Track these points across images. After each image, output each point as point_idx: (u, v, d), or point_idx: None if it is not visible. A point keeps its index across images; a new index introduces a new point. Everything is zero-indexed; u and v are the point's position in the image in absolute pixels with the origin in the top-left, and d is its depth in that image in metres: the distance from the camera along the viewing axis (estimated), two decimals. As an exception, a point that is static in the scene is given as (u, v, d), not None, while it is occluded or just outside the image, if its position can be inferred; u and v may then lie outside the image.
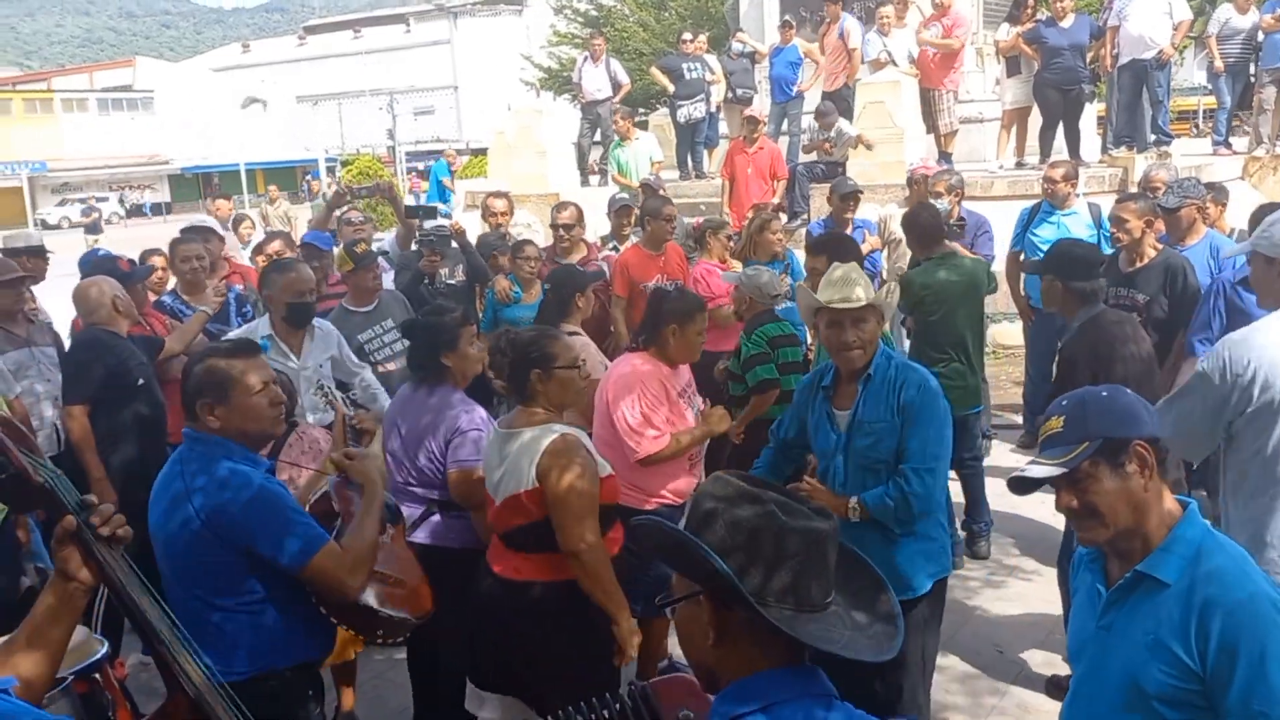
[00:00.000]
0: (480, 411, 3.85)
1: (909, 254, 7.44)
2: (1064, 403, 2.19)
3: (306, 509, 2.96)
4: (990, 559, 5.65)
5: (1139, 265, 5.22)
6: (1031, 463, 2.17)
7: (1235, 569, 2.05)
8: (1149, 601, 2.09)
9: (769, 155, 10.13)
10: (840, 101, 10.98)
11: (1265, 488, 2.98)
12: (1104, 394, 2.20)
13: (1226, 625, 1.97)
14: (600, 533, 3.22)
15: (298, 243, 7.07)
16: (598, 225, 10.27)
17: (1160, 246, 5.34)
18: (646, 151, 11.08)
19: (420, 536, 3.77)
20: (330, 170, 43.94)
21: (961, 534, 5.68)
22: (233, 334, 5.30)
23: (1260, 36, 10.80)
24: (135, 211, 54.06)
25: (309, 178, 39.40)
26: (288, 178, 57.58)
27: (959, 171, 7.60)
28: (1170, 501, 2.15)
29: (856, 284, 3.40)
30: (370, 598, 2.85)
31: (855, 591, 1.62)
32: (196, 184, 58.19)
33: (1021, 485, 2.22)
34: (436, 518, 3.82)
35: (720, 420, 4.23)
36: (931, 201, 6.70)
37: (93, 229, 29.08)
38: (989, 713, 4.28)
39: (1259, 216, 5.84)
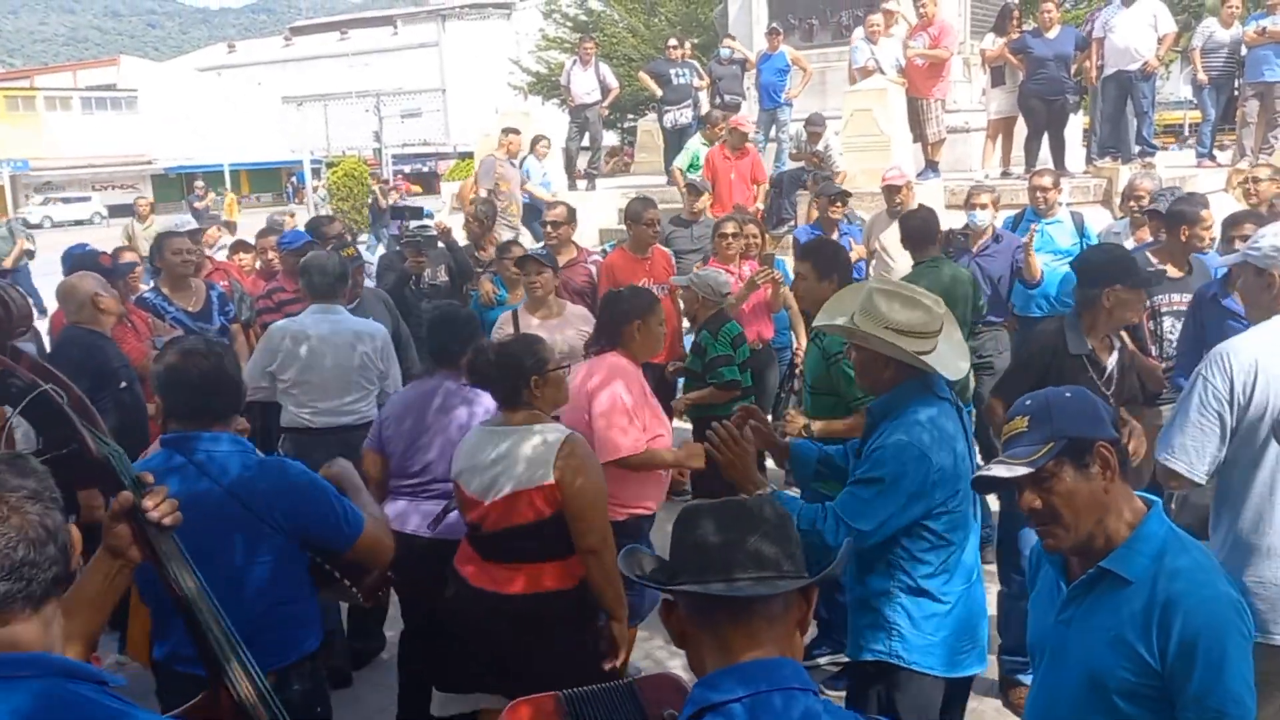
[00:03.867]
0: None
1: (893, 265, 7.49)
2: (1028, 403, 2.20)
3: None
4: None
5: (1185, 273, 5.19)
6: (996, 462, 2.17)
7: (1198, 569, 2.07)
8: (1111, 598, 2.11)
9: (750, 161, 10.17)
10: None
11: (1252, 499, 2.96)
12: (1068, 394, 2.21)
13: (1187, 624, 1.99)
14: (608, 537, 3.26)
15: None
16: (587, 230, 10.28)
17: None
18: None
19: (443, 531, 3.82)
20: (316, 172, 43.82)
21: None
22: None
23: (1243, 50, 10.88)
24: (119, 211, 53.75)
25: (293, 179, 39.33)
26: (272, 179, 57.54)
27: (994, 186, 7.62)
28: (1134, 500, 2.18)
29: (844, 299, 3.30)
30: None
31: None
32: (180, 184, 57.90)
33: (985, 484, 2.25)
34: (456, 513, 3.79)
35: (698, 459, 4.05)
36: (971, 214, 6.70)
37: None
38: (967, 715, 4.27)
39: (1228, 225, 5.90)
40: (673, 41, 12.97)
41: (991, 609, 4.56)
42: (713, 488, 5.35)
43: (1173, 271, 5.15)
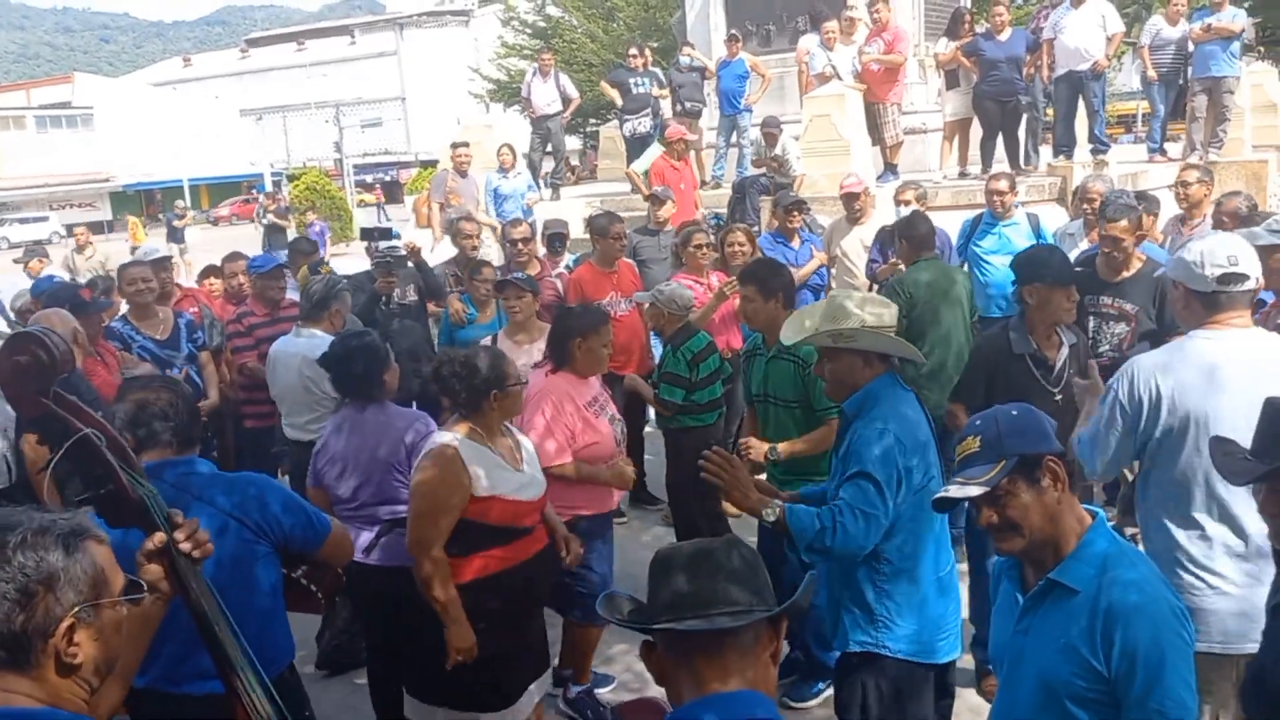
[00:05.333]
0: (425, 414, 4.16)
1: (855, 269, 7.63)
2: (977, 423, 2.33)
3: None
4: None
5: (1126, 275, 5.23)
6: (953, 483, 2.30)
7: (1139, 577, 2.19)
8: (1060, 607, 2.23)
9: (691, 170, 10.37)
10: None
11: (1178, 510, 3.05)
12: (1014, 413, 2.33)
13: (1129, 630, 2.11)
14: (441, 541, 3.40)
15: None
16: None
17: (1145, 257, 5.42)
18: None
19: (376, 558, 3.90)
20: (277, 184, 43.52)
21: None
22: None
23: (1190, 46, 11.12)
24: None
25: (254, 192, 39.11)
26: (232, 193, 57.00)
27: (921, 183, 7.81)
28: (1080, 511, 2.31)
29: (805, 317, 3.45)
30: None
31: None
32: (139, 201, 57.32)
33: (944, 504, 2.36)
34: (393, 536, 3.90)
35: (619, 479, 4.44)
36: (899, 210, 7.15)
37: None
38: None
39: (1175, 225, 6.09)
40: (634, 50, 13.06)
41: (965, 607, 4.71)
42: (685, 498, 5.49)
43: (1105, 274, 5.27)
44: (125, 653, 2.08)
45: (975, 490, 2.22)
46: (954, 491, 2.26)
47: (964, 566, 5.40)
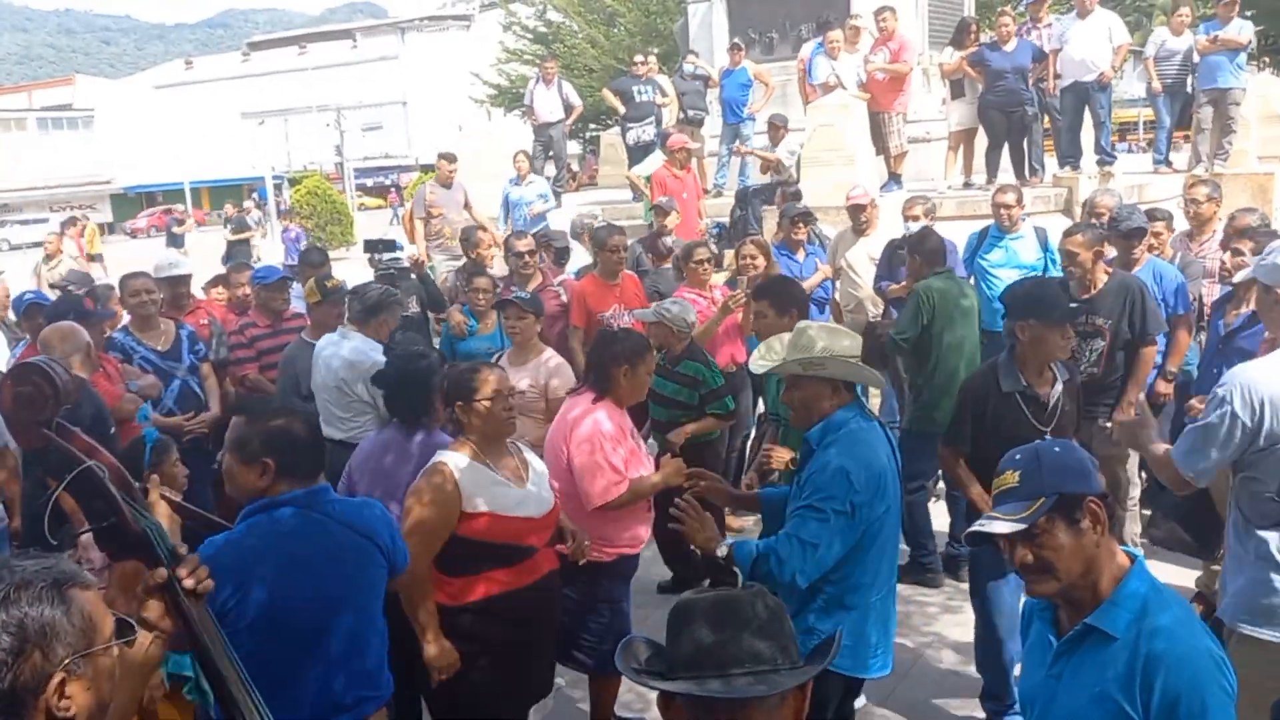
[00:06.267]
0: None
1: (860, 282, 7.58)
2: (1018, 457, 2.24)
3: None
4: (951, 583, 5.71)
5: (1094, 291, 5.28)
6: (988, 517, 2.22)
7: (1179, 625, 2.11)
8: (1096, 654, 2.15)
9: (692, 177, 10.33)
10: None
11: (1268, 527, 2.99)
12: (1057, 449, 2.25)
13: (1169, 680, 2.03)
14: (426, 559, 3.36)
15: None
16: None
17: (1110, 270, 5.45)
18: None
19: None
20: (278, 188, 43.48)
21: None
22: None
23: (1196, 58, 11.08)
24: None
25: (255, 195, 39.07)
26: (233, 196, 56.87)
27: (929, 197, 7.77)
28: (1120, 555, 2.22)
29: (773, 348, 3.49)
30: None
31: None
32: (140, 203, 57.28)
33: (977, 539, 2.28)
34: None
35: (676, 473, 4.13)
36: (908, 225, 7.10)
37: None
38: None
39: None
40: (639, 57, 13.02)
41: (969, 637, 4.65)
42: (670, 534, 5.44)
43: (1075, 291, 5.25)
44: (122, 694, 2.03)
45: (1009, 527, 2.14)
46: (988, 527, 2.18)
47: (960, 598, 5.35)
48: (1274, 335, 3.27)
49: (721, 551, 3.22)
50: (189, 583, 2.11)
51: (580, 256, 8.83)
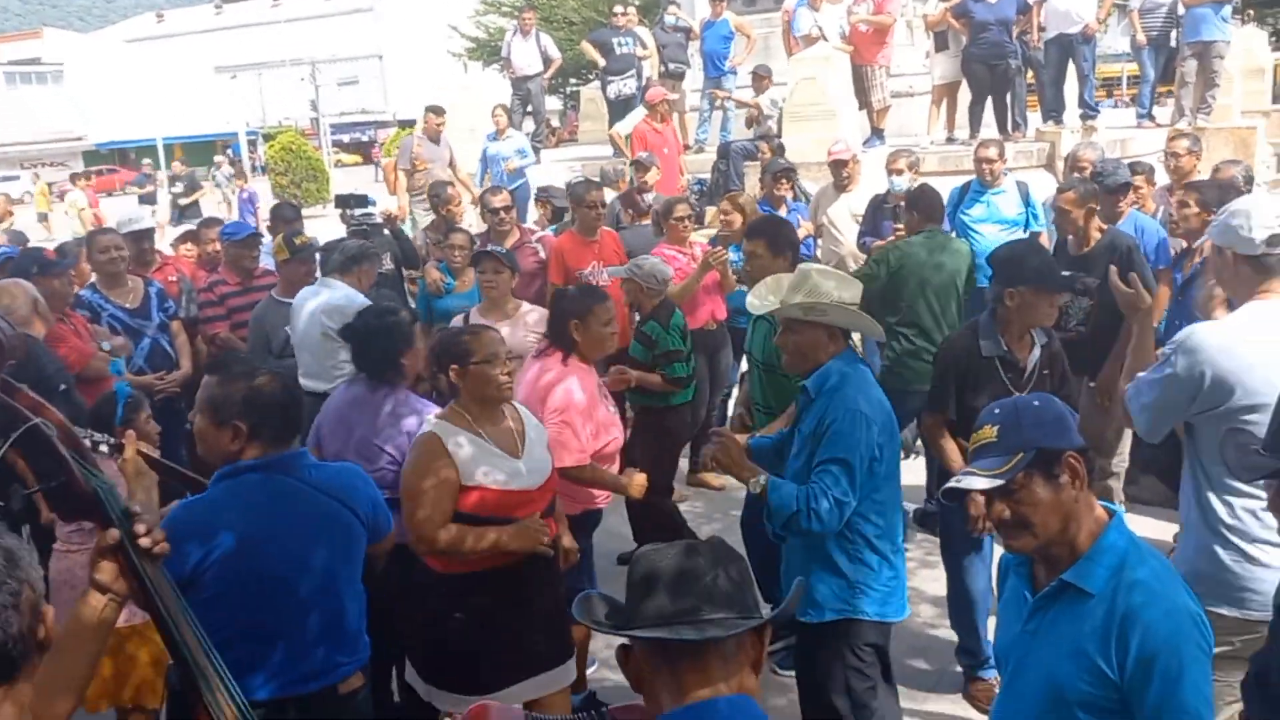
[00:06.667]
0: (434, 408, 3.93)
1: (842, 239, 7.50)
2: (996, 411, 2.20)
3: None
4: (927, 538, 5.68)
5: (1087, 249, 5.20)
6: (966, 472, 2.18)
7: (1157, 581, 2.08)
8: (1073, 609, 2.12)
9: (672, 131, 10.20)
10: None
11: (1224, 487, 2.89)
12: (1036, 403, 2.21)
13: (1145, 638, 2.01)
14: (446, 531, 3.27)
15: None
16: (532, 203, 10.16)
17: (1105, 227, 5.37)
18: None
19: None
20: (252, 144, 42.89)
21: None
22: None
23: (1181, 10, 10.97)
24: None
25: (228, 151, 38.47)
26: (207, 152, 56.11)
27: (913, 150, 7.66)
28: (1098, 510, 2.19)
29: (773, 290, 3.48)
30: None
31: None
32: (113, 160, 56.40)
33: (953, 495, 2.25)
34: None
35: (639, 488, 4.19)
36: (892, 179, 7.03)
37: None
38: (929, 711, 4.33)
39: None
40: (619, 8, 12.78)
41: (944, 592, 4.63)
42: (653, 471, 5.39)
43: (1072, 248, 5.19)
44: (77, 661, 1.97)
45: (987, 482, 2.10)
46: (965, 483, 2.14)
47: (936, 554, 5.31)
48: (1226, 295, 3.18)
49: (755, 488, 3.24)
50: (144, 543, 2.04)
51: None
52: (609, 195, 7.87)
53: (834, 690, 3.33)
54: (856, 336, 4.23)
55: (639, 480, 4.17)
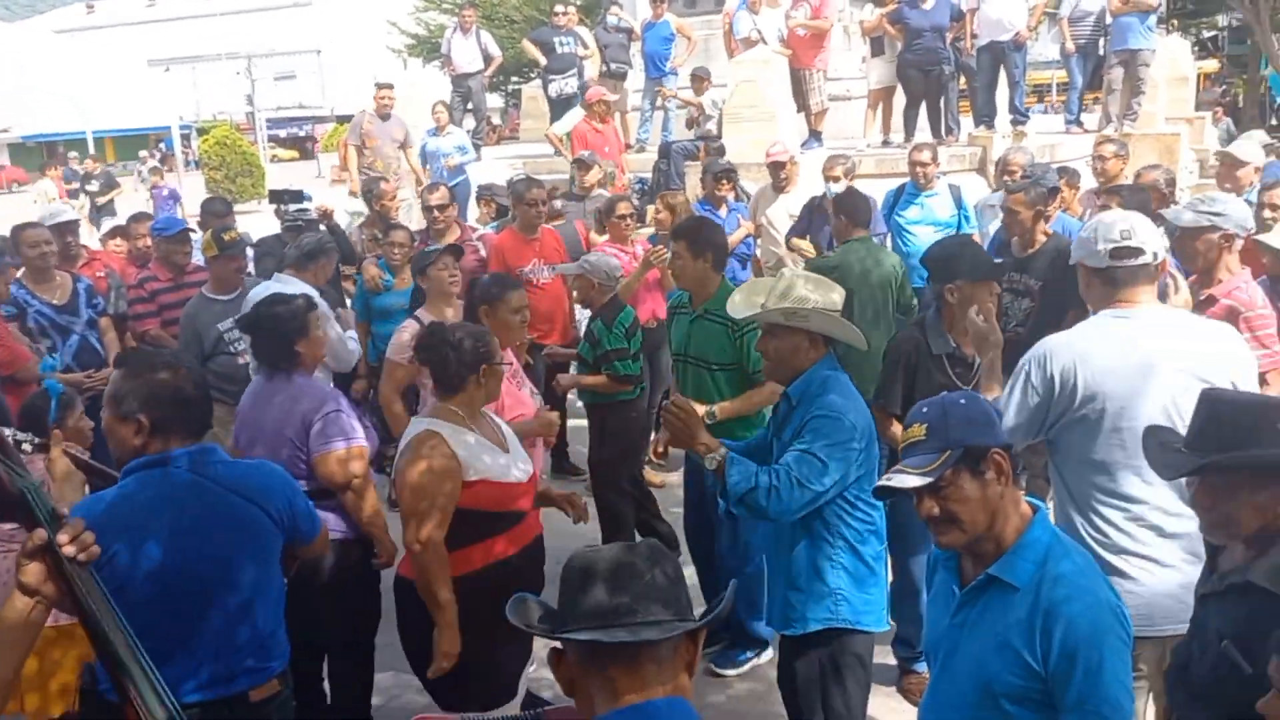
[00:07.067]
0: (338, 393, 3.92)
1: (779, 238, 7.59)
2: (924, 410, 2.25)
3: None
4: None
5: (1031, 251, 5.26)
6: (896, 471, 2.23)
7: (1080, 576, 2.15)
8: (999, 603, 2.18)
9: (613, 131, 10.23)
10: None
11: (1096, 493, 2.95)
12: (962, 401, 2.26)
13: (1068, 631, 2.07)
14: (440, 533, 3.24)
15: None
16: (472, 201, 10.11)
17: (1051, 232, 5.46)
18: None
19: None
20: (185, 138, 41.97)
21: None
22: None
23: (1109, 19, 11.25)
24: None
25: (161, 145, 37.63)
26: (139, 146, 54.91)
27: (850, 156, 7.74)
28: (1023, 506, 2.25)
29: (755, 294, 3.43)
30: None
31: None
32: (40, 153, 54.90)
33: (884, 493, 2.31)
34: None
35: (554, 425, 4.32)
36: (828, 185, 7.06)
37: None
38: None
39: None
40: (560, 8, 12.76)
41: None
42: (610, 476, 5.41)
43: (1016, 249, 5.28)
44: (3, 664, 1.94)
45: (917, 480, 2.15)
46: (895, 481, 2.20)
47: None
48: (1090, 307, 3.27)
49: (711, 464, 3.12)
50: (69, 550, 2.00)
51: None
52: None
53: (815, 703, 3.27)
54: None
55: (551, 417, 4.29)
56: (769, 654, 4.60)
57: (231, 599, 2.63)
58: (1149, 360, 2.87)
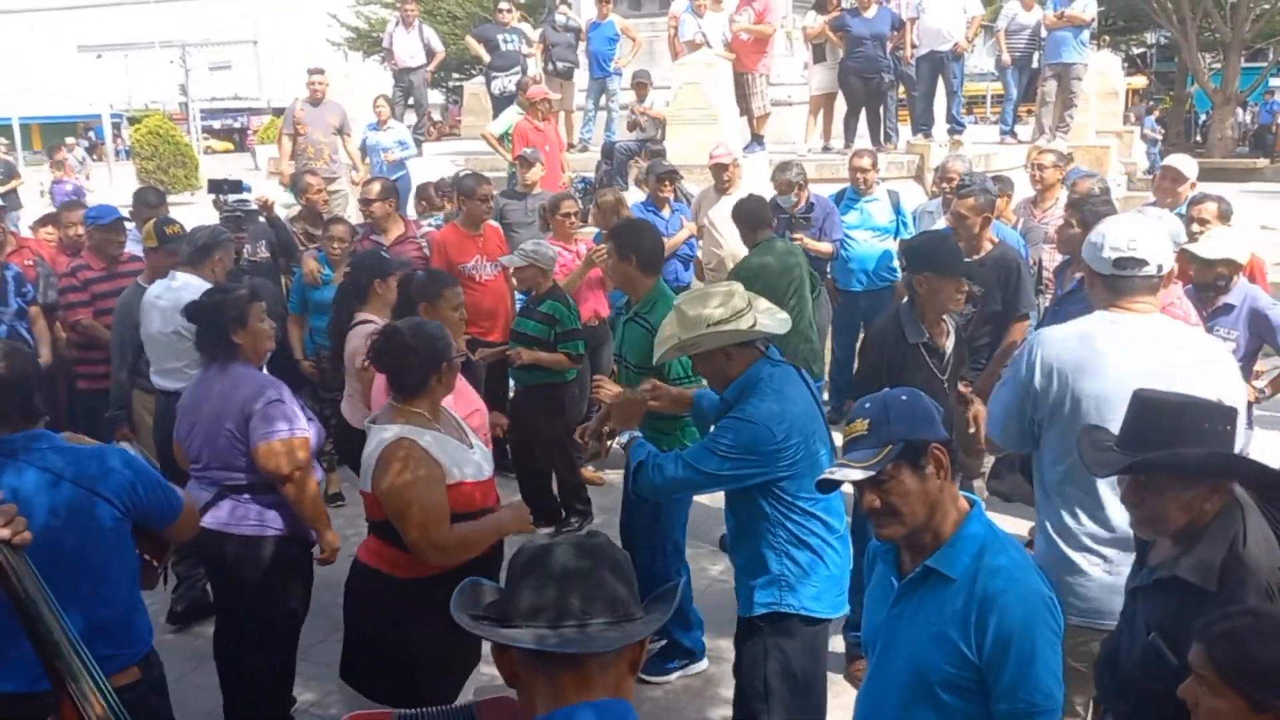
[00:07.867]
0: (280, 383, 3.87)
1: (722, 240, 7.65)
2: (867, 405, 2.30)
3: None
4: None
5: (976, 258, 5.33)
6: (839, 464, 2.28)
7: (1014, 568, 2.21)
8: (936, 594, 2.24)
9: (554, 130, 10.24)
10: None
11: (1068, 489, 3.02)
12: (904, 397, 2.32)
13: (1001, 621, 2.13)
14: (449, 532, 3.18)
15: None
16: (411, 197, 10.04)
17: (996, 240, 5.56)
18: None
19: (210, 521, 3.70)
20: (116, 127, 41.04)
21: None
22: None
23: (1044, 33, 11.52)
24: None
25: (90, 134, 36.69)
26: (68, 133, 53.47)
27: (799, 162, 7.81)
28: (961, 500, 2.31)
29: (666, 329, 3.41)
30: None
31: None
32: (-38, 138, 53.21)
33: (827, 486, 2.36)
34: (228, 502, 3.76)
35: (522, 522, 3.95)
36: (781, 194, 7.19)
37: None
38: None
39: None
40: (504, 5, 12.72)
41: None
42: (532, 455, 5.46)
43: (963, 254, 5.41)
44: None
45: (859, 474, 2.20)
46: (837, 474, 2.25)
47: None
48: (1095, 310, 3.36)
49: (623, 440, 3.42)
50: (4, 533, 2.00)
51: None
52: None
53: (755, 685, 3.34)
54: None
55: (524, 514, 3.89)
56: (702, 664, 4.67)
57: (74, 588, 2.55)
58: (1132, 365, 2.87)
